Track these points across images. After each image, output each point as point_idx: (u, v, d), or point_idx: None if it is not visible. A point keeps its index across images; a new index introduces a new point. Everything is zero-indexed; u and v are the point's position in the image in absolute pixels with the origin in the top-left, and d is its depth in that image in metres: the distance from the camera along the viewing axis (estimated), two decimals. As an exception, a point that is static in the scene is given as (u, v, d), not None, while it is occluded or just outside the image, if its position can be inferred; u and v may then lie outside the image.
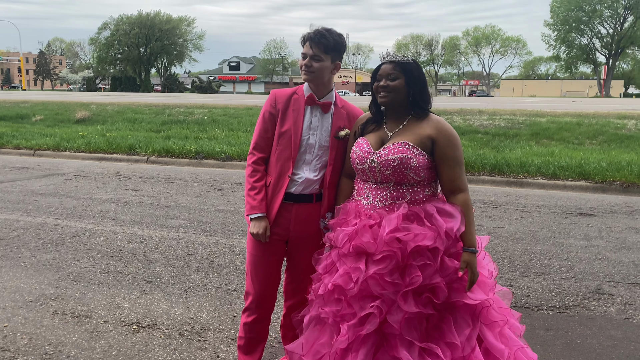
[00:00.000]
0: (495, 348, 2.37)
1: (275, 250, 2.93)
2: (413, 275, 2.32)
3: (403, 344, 2.32)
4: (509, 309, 2.53)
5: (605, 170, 9.77)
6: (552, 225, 6.89)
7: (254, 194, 2.85)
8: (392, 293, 2.33)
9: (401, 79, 2.51)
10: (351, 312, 2.40)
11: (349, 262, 2.42)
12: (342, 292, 2.42)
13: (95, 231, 6.40)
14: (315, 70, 2.79)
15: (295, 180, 2.85)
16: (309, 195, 2.87)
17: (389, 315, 2.33)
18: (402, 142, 2.47)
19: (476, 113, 17.08)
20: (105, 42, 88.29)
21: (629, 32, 74.17)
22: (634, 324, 4.05)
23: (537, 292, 4.65)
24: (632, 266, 5.32)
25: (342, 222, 2.54)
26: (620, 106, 24.49)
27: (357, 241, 2.40)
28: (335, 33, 2.81)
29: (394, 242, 2.34)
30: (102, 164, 12.20)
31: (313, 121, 2.87)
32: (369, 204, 2.52)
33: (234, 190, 8.99)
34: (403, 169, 2.44)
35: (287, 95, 2.92)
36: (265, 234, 2.84)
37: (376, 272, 2.34)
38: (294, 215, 2.87)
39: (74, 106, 21.20)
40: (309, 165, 2.86)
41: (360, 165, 2.55)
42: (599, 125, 14.67)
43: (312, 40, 2.77)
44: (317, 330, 2.57)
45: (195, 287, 4.70)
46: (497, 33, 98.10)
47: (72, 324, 3.94)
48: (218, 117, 18.44)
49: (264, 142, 2.91)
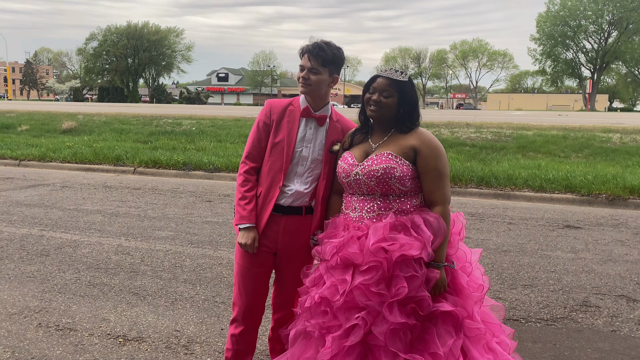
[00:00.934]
0: None
1: (263, 262, 2.90)
2: (399, 286, 2.31)
3: (387, 356, 2.30)
4: (499, 323, 2.51)
5: (591, 183, 9.86)
6: (539, 237, 6.92)
7: (244, 203, 2.83)
8: (377, 304, 2.32)
9: (394, 97, 2.52)
10: (337, 324, 2.38)
11: (337, 274, 2.41)
12: (328, 304, 2.41)
13: (81, 242, 6.33)
14: (313, 83, 2.79)
15: (285, 192, 2.84)
16: (298, 207, 2.85)
17: (374, 326, 2.32)
18: (385, 153, 2.49)
19: (464, 126, 17.20)
20: (93, 53, 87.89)
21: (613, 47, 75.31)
22: (621, 336, 4.07)
23: (525, 305, 4.66)
24: (618, 279, 5.35)
25: (331, 235, 2.53)
26: (605, 120, 24.79)
27: (344, 252, 2.40)
28: (334, 46, 2.81)
29: (380, 251, 2.34)
30: (88, 174, 12.10)
31: (307, 133, 2.86)
32: (357, 215, 2.52)
33: (222, 202, 8.95)
34: (387, 179, 2.44)
35: (282, 106, 2.91)
36: (254, 245, 2.82)
37: (362, 283, 2.32)
38: (282, 227, 2.85)
39: (61, 116, 21.05)
40: (300, 178, 2.85)
41: (346, 179, 2.56)
42: (584, 138, 14.83)
43: (311, 53, 2.76)
44: (303, 344, 2.55)
45: (182, 299, 4.65)
46: (484, 47, 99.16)
47: (56, 336, 3.87)
48: (206, 128, 18.40)
49: (256, 152, 2.90)
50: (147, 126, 18.97)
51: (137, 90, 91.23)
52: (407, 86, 2.54)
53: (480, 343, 2.41)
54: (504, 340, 2.51)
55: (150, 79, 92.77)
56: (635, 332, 4.14)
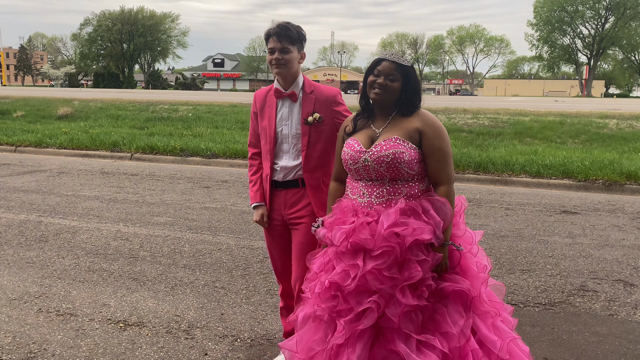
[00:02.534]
0: (488, 339, 2.39)
1: (279, 234, 3.21)
2: (412, 270, 2.32)
3: (400, 337, 2.33)
4: (501, 302, 2.54)
5: (588, 168, 9.89)
6: (536, 222, 6.95)
7: (251, 185, 3.21)
8: (389, 287, 2.34)
9: (399, 81, 2.52)
10: (347, 308, 2.39)
11: (347, 260, 2.42)
12: (338, 288, 2.42)
13: (79, 228, 6.32)
14: (286, 62, 2.96)
15: (275, 169, 3.10)
16: (294, 180, 3.09)
17: (387, 308, 2.34)
18: (392, 138, 2.48)
19: (460, 112, 17.19)
20: (88, 38, 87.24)
21: (610, 33, 75.13)
22: (618, 320, 4.10)
23: (523, 289, 4.69)
24: (615, 263, 5.39)
25: (339, 221, 2.53)
26: (601, 106, 24.81)
27: (355, 238, 2.40)
28: (296, 25, 2.99)
29: (393, 237, 2.35)
30: (85, 160, 12.06)
31: (284, 112, 3.08)
32: (366, 201, 2.51)
33: (220, 188, 8.95)
34: (397, 163, 2.44)
35: (263, 94, 3.18)
36: (263, 220, 3.16)
37: (374, 267, 2.34)
38: (283, 200, 3.13)
39: (56, 102, 20.92)
40: (287, 154, 3.09)
41: (354, 165, 2.55)
42: (581, 124, 14.84)
43: (279, 35, 2.93)
44: (312, 327, 2.57)
45: (182, 284, 4.66)
46: (481, 32, 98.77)
47: (57, 322, 3.88)
48: (203, 114, 18.33)
49: (254, 139, 3.24)
50: (144, 112, 18.88)
51: (133, 76, 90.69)
52: (411, 71, 2.54)
53: (489, 321, 2.45)
54: (506, 318, 2.55)
55: (146, 65, 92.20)
56: (632, 315, 4.18)
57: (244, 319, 3.99)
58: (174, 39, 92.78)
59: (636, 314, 4.22)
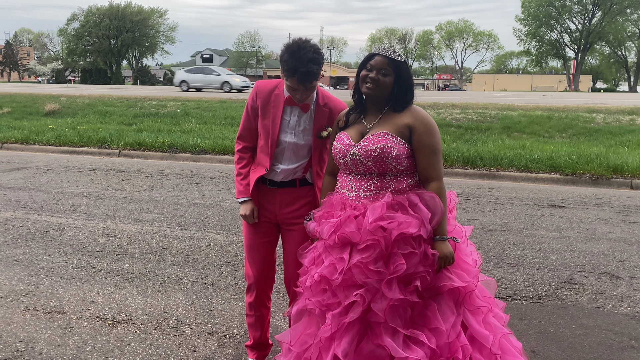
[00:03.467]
0: (480, 334, 2.40)
1: (266, 232, 3.07)
2: (397, 264, 2.33)
3: (387, 332, 2.33)
4: (493, 298, 2.55)
5: (575, 162, 9.96)
6: (524, 216, 7.00)
7: (240, 179, 3.02)
8: (375, 281, 2.34)
9: (391, 76, 2.52)
10: (336, 302, 2.41)
11: (335, 253, 2.43)
12: (327, 282, 2.43)
13: (66, 225, 6.28)
14: (307, 98, 2.84)
15: (274, 171, 2.97)
16: (293, 180, 2.98)
17: (373, 303, 2.34)
18: (381, 132, 2.49)
19: (449, 107, 17.22)
20: (75, 34, 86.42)
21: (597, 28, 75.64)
22: (604, 312, 4.15)
23: (511, 283, 4.72)
24: (601, 256, 5.44)
25: (328, 215, 2.54)
26: (588, 100, 24.97)
27: (342, 232, 2.41)
28: (318, 57, 2.72)
29: (378, 230, 2.35)
30: (72, 157, 11.96)
31: (292, 120, 2.91)
32: (354, 195, 2.52)
33: (209, 184, 8.92)
34: (384, 158, 2.45)
35: (268, 89, 2.95)
36: (253, 215, 3.00)
37: (360, 261, 2.34)
38: (279, 199, 3.00)
39: (43, 98, 20.71)
40: (288, 160, 2.95)
41: (342, 159, 2.56)
42: (568, 119, 14.93)
43: (303, 81, 2.71)
44: (306, 321, 2.59)
45: (170, 281, 4.65)
46: (469, 28, 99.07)
47: (44, 320, 3.86)
48: (191, 110, 18.23)
49: (246, 133, 3.05)
50: (132, 108, 18.75)
51: (121, 72, 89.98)
52: (404, 67, 2.54)
53: (480, 316, 2.46)
54: (498, 314, 2.56)
55: (134, 61, 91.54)
56: (618, 308, 4.22)
57: (233, 315, 3.98)
58: (162, 35, 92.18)
59: (622, 306, 4.26)
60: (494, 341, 2.38)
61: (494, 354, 2.37)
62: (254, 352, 3.27)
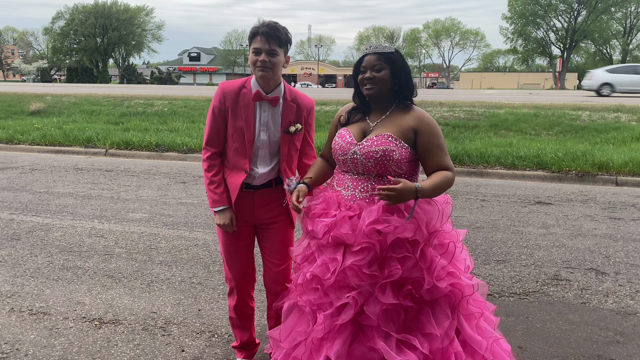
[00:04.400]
0: (474, 340, 2.38)
1: (244, 235, 3.01)
2: (392, 268, 2.31)
3: (380, 335, 2.32)
4: (484, 301, 2.54)
5: (561, 160, 10.04)
6: (511, 213, 7.04)
7: (214, 187, 2.91)
8: (369, 285, 2.32)
9: (386, 69, 2.50)
10: (328, 302, 2.40)
11: (328, 253, 2.42)
12: (319, 281, 2.42)
13: (52, 226, 6.22)
14: (273, 65, 2.77)
15: (252, 176, 2.90)
16: (268, 182, 2.94)
17: (366, 306, 2.33)
18: (385, 134, 2.46)
19: (437, 105, 17.28)
20: (60, 32, 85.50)
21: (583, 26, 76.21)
22: (590, 308, 4.19)
23: (499, 280, 4.75)
24: (587, 252, 5.49)
25: (322, 213, 2.52)
26: (574, 98, 25.17)
27: (336, 232, 2.39)
28: (283, 26, 2.80)
29: (374, 233, 2.33)
30: (58, 157, 11.86)
31: (262, 117, 2.87)
32: (350, 194, 2.50)
33: (197, 183, 8.88)
34: (385, 161, 2.43)
35: (235, 90, 2.88)
36: (232, 224, 2.92)
37: (354, 263, 2.32)
38: (256, 202, 2.94)
39: (28, 97, 20.50)
40: (263, 160, 2.91)
41: (343, 157, 2.54)
42: (554, 116, 15.04)
43: (268, 35, 2.73)
44: (296, 317, 2.59)
45: (158, 281, 4.62)
46: (456, 26, 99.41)
47: (29, 321, 3.82)
48: (179, 108, 18.13)
49: (215, 138, 2.93)
50: (118, 107, 18.62)
51: (107, 71, 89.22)
52: (396, 56, 2.52)
53: (474, 321, 2.45)
54: (488, 317, 2.54)
55: (120, 59, 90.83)
56: (604, 303, 4.26)
57: (221, 315, 3.97)
58: (149, 33, 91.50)
59: (607, 301, 4.30)
60: (486, 346, 2.37)
61: (486, 359, 2.36)
62: (242, 352, 3.26)
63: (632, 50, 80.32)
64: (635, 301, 4.31)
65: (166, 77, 77.05)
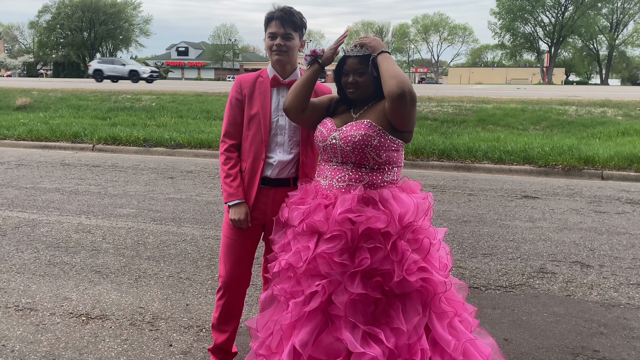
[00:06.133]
0: (443, 339, 2.37)
1: (252, 234, 2.93)
2: (362, 257, 2.31)
3: (347, 326, 2.32)
4: (461, 302, 2.52)
5: (548, 154, 10.13)
6: (498, 207, 7.10)
7: (229, 181, 2.84)
8: (339, 274, 2.33)
9: (367, 73, 2.51)
10: (300, 290, 2.41)
11: (302, 241, 2.43)
12: (293, 270, 2.44)
13: (39, 221, 6.18)
14: (289, 49, 2.79)
15: (270, 164, 2.84)
16: (286, 179, 2.86)
17: (335, 296, 2.33)
18: (364, 121, 2.47)
19: (425, 100, 17.33)
20: (47, 26, 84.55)
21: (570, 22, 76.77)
22: (575, 300, 4.24)
23: (485, 273, 4.79)
24: (573, 246, 5.55)
25: (299, 202, 2.54)
26: (562, 93, 25.36)
27: (310, 220, 2.41)
28: (297, 11, 2.83)
29: (346, 222, 2.34)
30: (45, 152, 11.76)
31: (280, 102, 2.85)
32: (327, 184, 2.52)
33: (185, 179, 8.85)
34: (363, 146, 2.43)
35: (252, 79, 2.90)
36: (247, 220, 2.84)
37: (324, 251, 2.33)
38: (271, 199, 2.85)
39: (14, 92, 20.28)
40: (282, 147, 2.85)
41: (322, 143, 2.55)
42: (542, 111, 15.15)
43: (283, 19, 2.75)
44: (273, 307, 2.59)
45: (146, 276, 4.61)
46: (445, 21, 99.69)
47: (16, 317, 3.80)
48: (167, 103, 18.04)
49: (233, 129, 2.89)
50: (106, 102, 18.48)
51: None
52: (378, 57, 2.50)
53: (446, 320, 2.43)
54: (466, 319, 2.53)
55: (108, 54, 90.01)
56: (588, 295, 4.32)
57: (209, 310, 3.97)
58: (137, 27, 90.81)
59: (592, 294, 4.36)
60: (455, 346, 2.35)
61: (455, 359, 2.35)
62: (215, 358, 3.09)
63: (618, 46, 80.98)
64: (619, 293, 4.37)
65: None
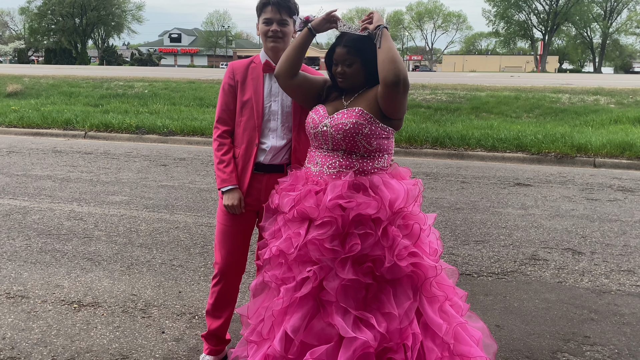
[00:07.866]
0: (434, 322, 2.38)
1: (246, 220, 2.92)
2: (352, 243, 2.31)
3: (338, 311, 2.32)
4: (452, 287, 2.53)
5: (541, 142, 10.15)
6: (491, 195, 7.11)
7: (223, 166, 2.84)
8: (330, 260, 2.33)
9: (357, 63, 2.48)
10: (291, 276, 2.41)
11: (293, 228, 2.43)
12: (284, 256, 2.43)
13: (30, 209, 6.14)
14: (284, 35, 2.78)
15: (263, 149, 2.83)
16: (280, 165, 2.86)
17: (326, 281, 2.34)
18: (356, 109, 2.45)
19: (419, 87, 17.31)
20: (37, 12, 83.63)
21: (564, 9, 76.72)
22: (566, 286, 4.26)
23: (477, 260, 4.81)
24: (565, 233, 5.58)
25: (290, 188, 2.53)
26: (555, 81, 25.38)
27: (301, 206, 2.40)
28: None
29: (337, 208, 2.34)
30: (36, 139, 11.67)
31: (273, 87, 2.84)
32: (317, 170, 2.51)
33: (177, 166, 8.81)
34: (354, 134, 2.42)
35: (244, 65, 2.89)
36: (240, 206, 2.83)
37: (315, 237, 2.33)
38: (265, 185, 2.84)
39: (5, 79, 20.10)
40: (275, 132, 2.84)
41: (314, 130, 2.54)
42: (535, 99, 15.17)
43: (279, 5, 2.73)
44: (264, 294, 2.59)
45: (138, 263, 4.60)
46: (439, 8, 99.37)
47: (7, 304, 3.78)
48: (159, 90, 17.93)
49: (226, 115, 2.89)
50: (98, 89, 18.35)
51: (86, 52, 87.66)
52: (366, 45, 2.47)
53: (436, 305, 2.43)
54: (456, 303, 2.53)
55: (100, 40, 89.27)
56: (580, 282, 4.35)
57: (202, 297, 3.97)
58: (129, 13, 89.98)
59: (583, 280, 4.39)
60: (447, 330, 2.36)
61: (447, 342, 2.36)
62: (208, 344, 3.09)
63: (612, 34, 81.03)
64: (610, 280, 4.40)
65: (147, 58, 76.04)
